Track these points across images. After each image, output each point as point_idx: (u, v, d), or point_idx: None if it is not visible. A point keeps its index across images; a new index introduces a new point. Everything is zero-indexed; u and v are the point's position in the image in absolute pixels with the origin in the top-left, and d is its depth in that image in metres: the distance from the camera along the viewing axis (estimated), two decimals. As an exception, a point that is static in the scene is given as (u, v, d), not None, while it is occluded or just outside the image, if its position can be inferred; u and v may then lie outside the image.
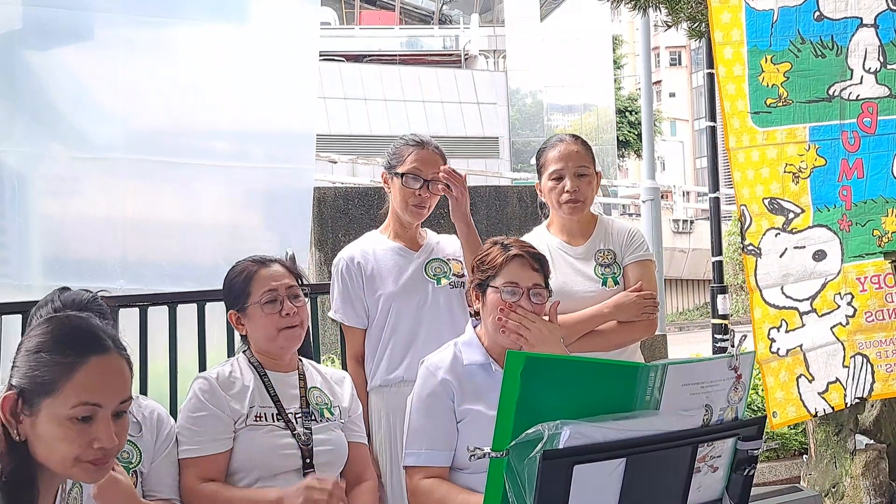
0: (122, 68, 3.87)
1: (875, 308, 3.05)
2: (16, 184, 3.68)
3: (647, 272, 2.70)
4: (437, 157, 2.69)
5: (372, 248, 2.72)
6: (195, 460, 2.07)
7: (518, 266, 2.14)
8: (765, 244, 3.04)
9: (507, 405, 1.54)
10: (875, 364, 3.05)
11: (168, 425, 2.14)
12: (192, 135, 4.05)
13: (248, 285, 2.20)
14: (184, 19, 3.99)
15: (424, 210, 2.68)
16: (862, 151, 3.02)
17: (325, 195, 4.75)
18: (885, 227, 3.03)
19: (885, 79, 2.99)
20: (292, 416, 2.16)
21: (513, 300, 2.11)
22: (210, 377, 2.16)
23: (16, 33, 3.72)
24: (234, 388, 2.15)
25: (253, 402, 2.14)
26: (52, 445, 1.42)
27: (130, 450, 2.06)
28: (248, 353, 2.24)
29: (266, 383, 2.19)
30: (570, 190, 2.65)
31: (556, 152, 2.69)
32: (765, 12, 2.98)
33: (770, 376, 3.05)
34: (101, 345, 1.46)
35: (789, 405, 3.06)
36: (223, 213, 4.07)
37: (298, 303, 2.22)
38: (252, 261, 2.27)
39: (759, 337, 3.05)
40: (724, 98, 3.01)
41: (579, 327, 2.60)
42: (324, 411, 2.22)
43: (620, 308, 2.62)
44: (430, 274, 2.68)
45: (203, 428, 2.08)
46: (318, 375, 2.31)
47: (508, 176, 17.72)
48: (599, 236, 2.74)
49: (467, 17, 23.34)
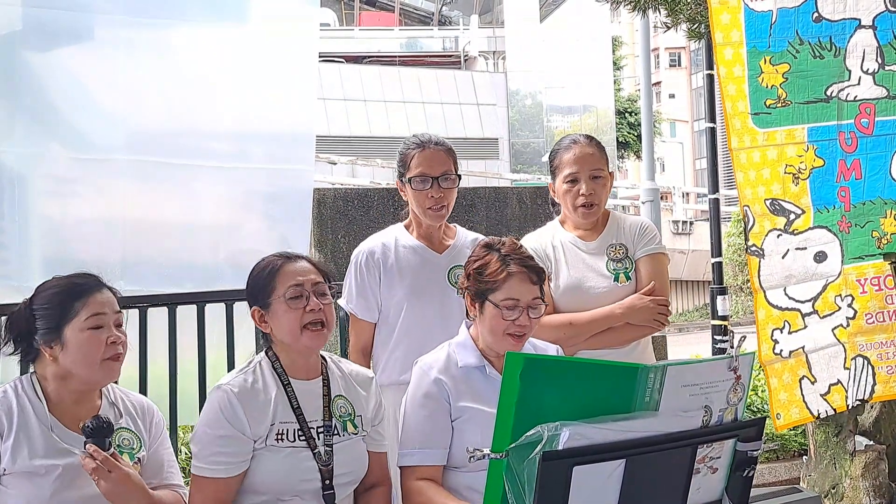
0: (122, 69, 3.87)
1: (875, 310, 3.05)
2: (16, 184, 3.69)
3: (659, 266, 2.70)
4: (440, 153, 2.68)
5: (394, 243, 2.71)
6: (207, 480, 2.01)
7: (518, 282, 2.12)
8: (767, 245, 3.04)
9: (506, 406, 1.54)
10: (876, 366, 3.05)
11: (155, 415, 2.20)
12: (192, 135, 4.05)
13: (273, 280, 2.11)
14: (184, 20, 3.99)
15: (443, 210, 2.67)
16: (859, 152, 3.02)
17: (324, 196, 4.74)
18: (884, 229, 3.03)
19: (883, 80, 2.99)
20: (314, 432, 2.09)
21: (512, 318, 2.11)
22: (230, 390, 2.05)
23: (16, 34, 3.72)
24: (257, 401, 2.06)
25: (275, 418, 2.06)
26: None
27: (130, 437, 2.09)
28: (272, 355, 2.15)
29: (289, 393, 2.10)
30: (586, 193, 2.65)
31: (572, 155, 2.68)
32: (763, 13, 2.98)
33: (774, 378, 3.05)
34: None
35: (793, 407, 3.06)
36: (223, 213, 4.07)
37: (325, 301, 2.12)
38: (278, 255, 2.18)
39: (763, 338, 3.05)
40: (726, 99, 3.02)
41: (591, 327, 2.61)
42: (346, 424, 2.15)
43: (633, 311, 2.62)
44: (453, 280, 2.67)
45: (220, 449, 2.01)
46: (343, 380, 2.22)
47: (508, 177, 17.75)
48: (612, 231, 2.74)
49: (467, 18, 23.36)
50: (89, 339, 2.03)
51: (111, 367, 2.07)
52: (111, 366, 2.07)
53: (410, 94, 20.08)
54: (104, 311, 2.07)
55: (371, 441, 2.22)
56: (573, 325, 2.61)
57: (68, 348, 2.03)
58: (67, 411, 2.05)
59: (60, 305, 2.05)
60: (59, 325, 2.04)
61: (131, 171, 3.83)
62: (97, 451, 1.88)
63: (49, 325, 2.04)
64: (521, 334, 2.13)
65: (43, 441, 1.99)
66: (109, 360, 2.06)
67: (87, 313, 2.04)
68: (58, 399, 2.05)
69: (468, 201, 4.88)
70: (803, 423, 3.50)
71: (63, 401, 2.05)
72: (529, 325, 2.14)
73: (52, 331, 2.04)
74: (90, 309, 2.05)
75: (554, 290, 2.66)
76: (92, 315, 2.05)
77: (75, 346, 2.03)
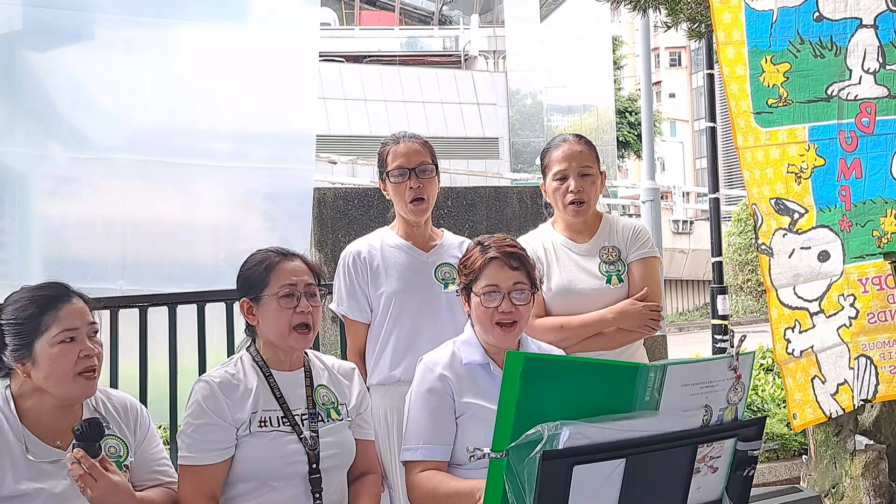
0: (122, 68, 3.87)
1: (877, 309, 3.04)
2: (16, 184, 3.69)
3: (651, 270, 2.70)
4: (415, 145, 2.70)
5: (380, 243, 2.73)
6: (193, 468, 2.04)
7: (496, 268, 2.13)
8: (775, 244, 3.03)
9: (506, 406, 1.54)
10: (879, 366, 3.04)
11: (140, 413, 2.16)
12: (191, 135, 4.05)
13: (268, 275, 2.14)
14: (184, 19, 4.00)
15: (424, 203, 2.68)
16: (860, 151, 3.02)
17: (324, 196, 4.74)
18: (885, 228, 3.02)
19: (884, 79, 2.99)
20: (298, 418, 2.12)
21: (493, 304, 2.12)
22: (212, 381, 2.10)
23: (16, 34, 3.73)
24: (237, 391, 2.10)
25: (256, 407, 2.10)
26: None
27: (117, 444, 2.05)
28: (253, 351, 2.19)
29: (271, 384, 2.14)
30: (574, 190, 2.65)
31: (560, 152, 2.70)
32: (764, 13, 2.98)
33: (789, 377, 3.03)
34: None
35: (807, 407, 3.05)
36: (223, 213, 4.08)
37: (315, 303, 2.17)
38: (275, 251, 2.21)
39: (777, 337, 3.03)
40: (730, 98, 3.01)
41: (583, 330, 2.61)
42: (330, 411, 2.18)
43: (624, 316, 2.63)
44: (439, 277, 2.69)
45: (204, 437, 2.04)
46: (325, 371, 2.26)
47: (508, 176, 17.73)
48: (604, 234, 2.74)
49: (467, 17, 23.33)
50: (60, 353, 1.96)
51: (85, 382, 1.99)
52: (85, 380, 1.99)
53: (411, 93, 20.06)
54: (75, 324, 2.00)
55: (357, 429, 2.24)
56: (564, 329, 2.61)
57: (39, 364, 1.96)
58: (47, 427, 1.99)
59: (30, 320, 1.97)
60: (29, 341, 1.96)
61: (131, 170, 3.83)
62: (85, 458, 1.85)
63: (19, 342, 1.96)
64: (509, 322, 2.13)
65: (26, 463, 1.94)
66: (83, 374, 1.98)
67: (58, 328, 1.97)
68: (36, 415, 1.99)
69: (468, 200, 4.88)
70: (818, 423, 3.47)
71: (41, 417, 1.99)
72: (516, 313, 2.13)
73: (22, 347, 1.96)
74: (61, 323, 1.98)
75: (546, 292, 2.66)
76: (63, 329, 1.97)
77: (47, 361, 1.95)
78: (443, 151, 3.51)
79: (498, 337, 2.14)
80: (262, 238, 4.01)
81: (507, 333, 2.13)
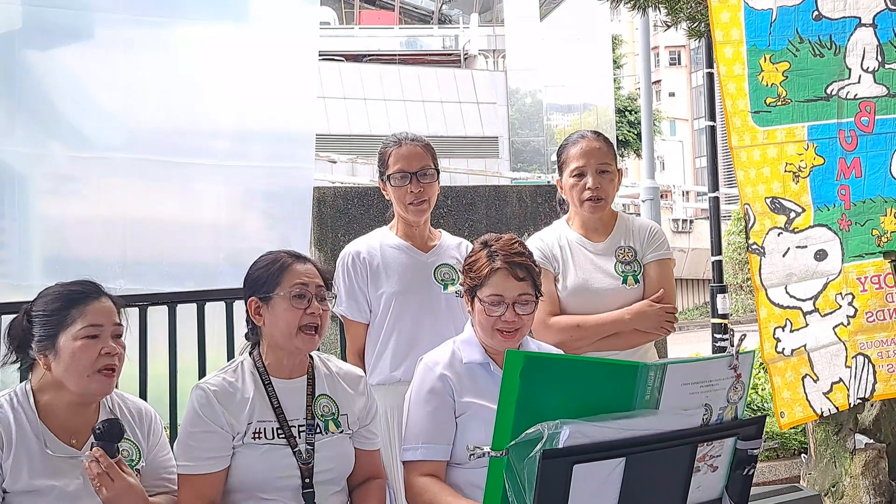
0: (122, 68, 3.87)
1: (876, 308, 3.04)
2: (16, 183, 3.69)
3: (667, 272, 2.71)
4: (417, 149, 2.70)
5: (379, 243, 2.73)
6: (191, 477, 2.03)
7: (502, 278, 2.13)
8: (768, 243, 3.04)
9: (506, 405, 1.54)
10: (876, 364, 3.05)
11: (154, 420, 2.17)
12: (191, 134, 4.05)
13: (280, 275, 2.13)
14: (184, 19, 4.00)
15: (424, 205, 2.68)
16: (859, 150, 3.02)
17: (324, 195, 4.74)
18: (884, 227, 3.03)
19: (883, 78, 2.99)
20: (295, 430, 2.10)
21: (497, 314, 2.12)
22: (208, 388, 2.08)
23: (16, 33, 3.73)
24: (234, 400, 2.09)
25: (251, 417, 2.08)
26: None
27: (130, 448, 2.06)
28: (255, 356, 2.17)
29: (269, 393, 2.12)
30: (592, 187, 2.65)
31: (578, 149, 2.69)
32: (763, 12, 2.98)
33: (777, 376, 3.05)
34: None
35: (796, 405, 3.06)
36: (223, 212, 4.08)
37: (324, 306, 2.16)
38: (287, 253, 2.21)
39: (765, 336, 3.04)
40: (726, 97, 3.01)
41: (600, 330, 2.62)
42: (329, 424, 2.15)
43: (641, 317, 2.63)
44: (439, 278, 2.69)
45: (200, 444, 2.04)
46: (329, 378, 2.23)
47: (508, 175, 17.74)
48: (620, 233, 2.74)
49: (467, 16, 23.33)
50: (82, 348, 1.99)
51: (104, 380, 2.01)
52: (104, 378, 2.01)
53: (410, 92, 20.06)
54: (100, 321, 2.03)
55: (361, 439, 2.22)
56: (581, 328, 2.61)
57: (60, 357, 1.99)
58: (62, 425, 2.01)
59: (57, 312, 2.02)
60: (54, 333, 2.00)
61: (131, 169, 3.83)
62: (103, 457, 1.87)
63: (45, 333, 2.01)
64: (511, 330, 2.13)
65: (42, 458, 1.96)
66: (102, 371, 2.00)
67: (83, 322, 2.01)
68: (53, 411, 2.01)
69: (468, 200, 4.88)
70: (807, 422, 3.50)
71: (58, 413, 2.01)
72: (519, 322, 2.13)
73: (47, 338, 2.00)
74: (87, 318, 2.01)
75: (561, 290, 2.66)
76: (88, 325, 2.01)
77: (67, 354, 1.99)
78: (442, 150, 3.51)
79: (499, 342, 2.14)
80: (262, 237, 4.02)
81: (508, 339, 2.14)
